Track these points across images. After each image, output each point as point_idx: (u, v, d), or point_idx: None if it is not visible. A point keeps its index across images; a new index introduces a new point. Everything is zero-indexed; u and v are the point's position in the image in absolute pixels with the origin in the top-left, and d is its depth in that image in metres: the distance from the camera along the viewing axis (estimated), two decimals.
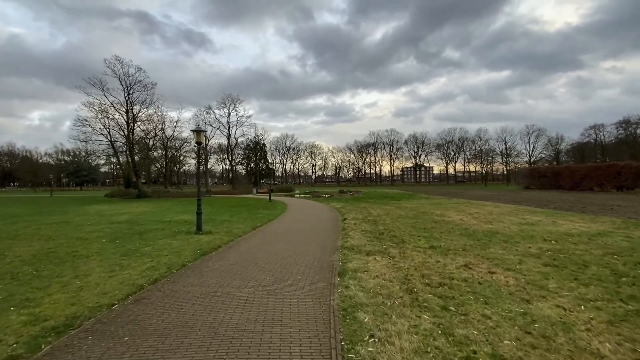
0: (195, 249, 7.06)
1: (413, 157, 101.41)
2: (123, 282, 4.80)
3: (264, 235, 8.81)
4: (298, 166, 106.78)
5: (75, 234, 9.54)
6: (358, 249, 6.73)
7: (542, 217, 12.72)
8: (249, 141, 60.38)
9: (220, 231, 9.56)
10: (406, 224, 10.87)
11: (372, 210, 15.66)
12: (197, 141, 9.20)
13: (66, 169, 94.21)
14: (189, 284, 4.63)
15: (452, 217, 12.92)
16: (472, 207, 16.93)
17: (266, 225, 10.91)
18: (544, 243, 7.58)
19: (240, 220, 12.21)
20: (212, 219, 12.82)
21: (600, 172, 32.54)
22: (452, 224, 10.99)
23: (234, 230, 9.66)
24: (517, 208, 16.37)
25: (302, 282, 4.59)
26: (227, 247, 7.34)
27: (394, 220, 11.87)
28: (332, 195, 33.04)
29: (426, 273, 5.01)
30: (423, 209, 16.41)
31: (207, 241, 8.00)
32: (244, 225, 10.76)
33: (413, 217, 12.95)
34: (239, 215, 14.26)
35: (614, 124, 74.94)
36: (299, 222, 11.56)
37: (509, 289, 4.41)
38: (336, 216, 13.52)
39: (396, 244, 7.29)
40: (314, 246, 7.14)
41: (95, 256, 6.61)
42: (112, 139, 34.28)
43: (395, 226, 10.21)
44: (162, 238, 8.59)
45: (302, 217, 13.41)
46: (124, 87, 31.16)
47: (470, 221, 11.57)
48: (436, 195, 30.57)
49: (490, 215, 13.60)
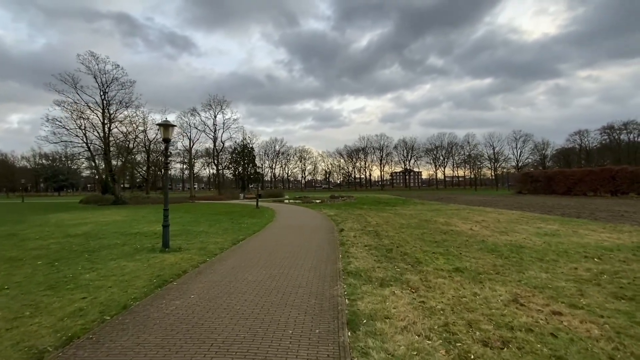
0: (152, 277, 5.36)
1: (403, 162, 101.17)
2: (18, 344, 3.11)
3: (246, 253, 7.15)
4: (287, 171, 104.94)
5: (9, 252, 7.65)
6: (366, 274, 5.18)
7: (557, 225, 11.53)
8: (236, 144, 58.35)
9: (193, 247, 7.85)
10: (413, 235, 9.44)
11: (370, 219, 14.20)
12: (165, 138, 7.53)
13: (43, 173, 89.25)
14: (117, 348, 2.98)
15: (459, 226, 11.58)
16: (475, 214, 15.71)
17: (250, 239, 9.26)
18: (586, 261, 6.24)
19: (220, 232, 10.50)
20: (186, 230, 11.05)
21: (595, 177, 32.18)
22: (463, 234, 9.63)
23: (210, 247, 7.97)
24: (523, 215, 15.22)
25: (295, 345, 3.00)
26: (196, 272, 5.67)
27: (397, 230, 10.41)
28: (323, 201, 31.49)
29: (471, 319, 3.51)
30: (424, 216, 15.07)
31: (172, 263, 6.30)
32: (222, 239, 9.07)
33: (417, 226, 11.54)
34: (219, 225, 12.52)
35: (598, 130, 76.57)
36: (288, 235, 9.96)
37: (601, 346, 2.97)
38: (331, 226, 11.98)
39: (412, 266, 5.80)
40: (308, 271, 5.56)
41: (11, 290, 4.85)
42: (88, 141, 31.85)
43: (401, 239, 8.74)
44: (117, 258, 6.84)
45: (293, 227, 11.80)
46: (100, 85, 28.87)
47: (482, 231, 10.24)
48: (430, 201, 29.46)
49: (499, 223, 12.35)
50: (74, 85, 27.71)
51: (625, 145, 71.96)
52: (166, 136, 7.52)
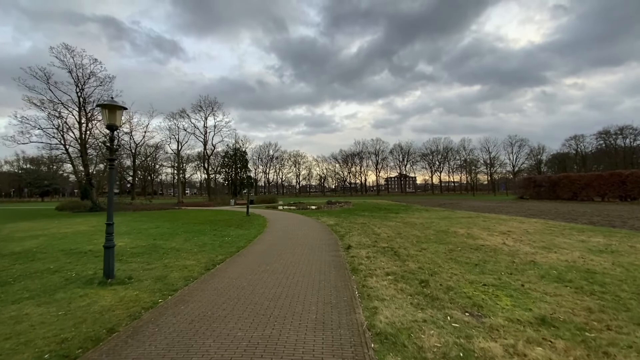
0: (49, 343, 3.21)
1: (398, 167, 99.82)
2: None
3: (218, 290, 5.00)
4: (282, 176, 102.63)
5: None
6: (411, 340, 3.08)
7: (601, 237, 9.69)
8: (228, 148, 56.04)
9: (148, 277, 5.69)
10: (439, 254, 7.42)
11: (377, 229, 12.16)
12: (109, 124, 5.42)
13: (24, 178, 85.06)
14: None
15: (486, 238, 9.63)
16: (493, 223, 13.80)
17: (230, 261, 7.12)
18: None
19: (195, 250, 8.32)
20: (154, 246, 8.86)
21: (603, 181, 30.80)
22: (500, 251, 7.67)
23: (172, 275, 5.81)
24: (548, 224, 13.36)
25: None
26: (131, 330, 3.53)
27: (416, 247, 8.39)
28: (319, 207, 29.39)
29: None
30: (437, 225, 13.09)
31: (104, 309, 4.15)
32: (194, 262, 6.91)
33: (437, 239, 9.54)
34: (197, 238, 10.33)
35: (594, 135, 76.28)
36: (281, 254, 7.85)
37: None
38: (333, 240, 9.89)
39: (471, 315, 3.76)
40: (311, 331, 3.43)
41: None
42: (66, 143, 29.25)
43: (430, 261, 6.70)
44: (28, 297, 4.65)
45: (286, 242, 9.71)
46: (75, 81, 26.35)
47: (519, 246, 8.29)
48: (433, 207, 27.60)
49: (530, 234, 10.45)
50: (47, 81, 25.18)
51: (622, 150, 71.58)
52: (111, 121, 5.41)
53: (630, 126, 70.08)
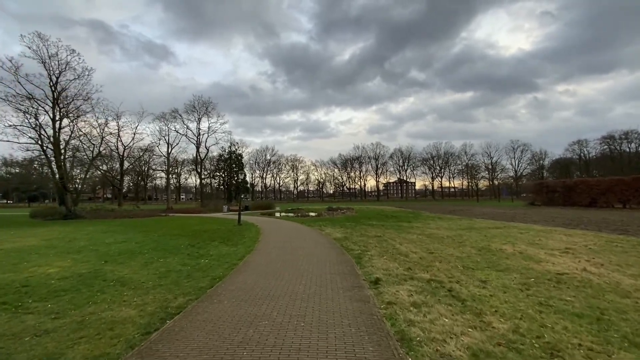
0: None
1: (398, 172, 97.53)
2: None
3: None
4: (279, 180, 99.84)
5: None
6: None
7: None
8: (223, 151, 53.41)
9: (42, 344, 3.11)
10: (512, 291, 4.87)
11: (398, 245, 9.60)
12: None
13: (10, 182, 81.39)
14: None
15: (550, 261, 7.12)
16: (533, 236, 11.30)
17: (193, 309, 4.53)
18: None
19: (149, 285, 5.69)
20: (95, 274, 6.21)
21: (625, 187, 28.54)
22: (587, 284, 5.23)
23: (73, 353, 3.23)
24: (603, 237, 10.86)
25: None
26: None
27: (472, 278, 5.83)
28: (320, 214, 26.77)
29: None
30: (471, 240, 10.52)
31: None
32: (135, 312, 4.30)
33: (488, 263, 7.00)
34: (163, 260, 7.70)
35: (597, 139, 74.70)
36: (274, 294, 5.27)
37: None
38: (348, 264, 7.28)
39: None
40: None
41: None
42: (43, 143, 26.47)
43: (514, 309, 4.14)
44: None
45: (283, 271, 7.11)
46: (49, 73, 23.73)
47: (608, 275, 5.79)
48: (444, 214, 25.08)
49: (597, 253, 7.99)
50: (15, 72, 22.48)
51: (627, 155, 69.91)
52: None
53: (635, 130, 68.58)
